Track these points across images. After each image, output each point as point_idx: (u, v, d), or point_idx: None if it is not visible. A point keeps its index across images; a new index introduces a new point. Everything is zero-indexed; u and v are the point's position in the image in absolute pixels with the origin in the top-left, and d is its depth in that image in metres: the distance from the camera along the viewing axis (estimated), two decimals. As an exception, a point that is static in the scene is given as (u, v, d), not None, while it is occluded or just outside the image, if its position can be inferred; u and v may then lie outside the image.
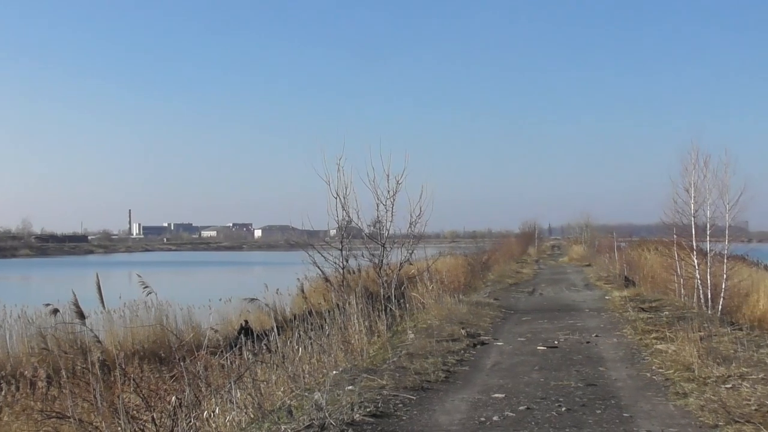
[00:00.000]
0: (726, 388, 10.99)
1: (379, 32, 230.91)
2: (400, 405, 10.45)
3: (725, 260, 26.02)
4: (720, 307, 25.20)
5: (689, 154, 26.56)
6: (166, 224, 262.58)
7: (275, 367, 12.75)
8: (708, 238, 26.45)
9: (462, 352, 15.30)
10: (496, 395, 11.31)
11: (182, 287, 46.56)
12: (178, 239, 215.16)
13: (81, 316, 18.78)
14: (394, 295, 20.76)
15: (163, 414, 10.76)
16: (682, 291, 28.01)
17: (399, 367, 12.97)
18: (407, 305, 20.93)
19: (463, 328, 17.98)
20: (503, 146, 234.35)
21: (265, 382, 12.06)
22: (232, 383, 10.87)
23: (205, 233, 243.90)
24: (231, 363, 12.83)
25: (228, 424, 10.28)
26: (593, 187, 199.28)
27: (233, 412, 10.39)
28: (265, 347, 14.28)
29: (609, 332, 18.57)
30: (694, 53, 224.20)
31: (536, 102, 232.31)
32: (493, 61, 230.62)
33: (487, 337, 17.60)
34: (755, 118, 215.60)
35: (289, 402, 10.39)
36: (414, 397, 10.94)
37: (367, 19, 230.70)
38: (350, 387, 10.99)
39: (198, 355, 12.56)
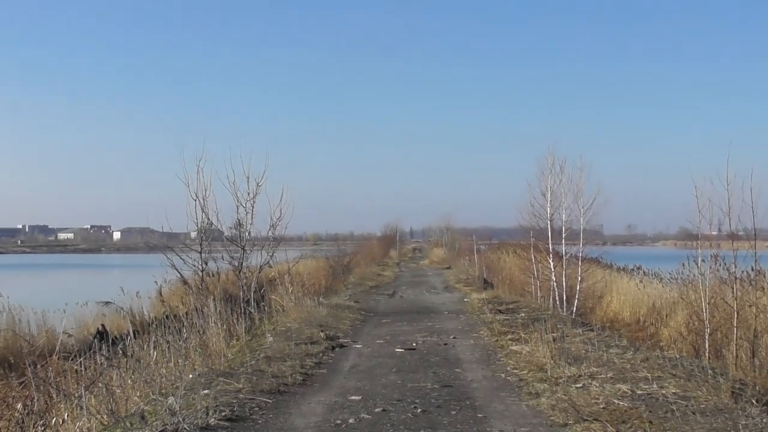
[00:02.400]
0: (576, 387, 11.28)
1: (240, 25, 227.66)
2: (256, 408, 10.39)
3: (580, 263, 26.66)
4: (575, 308, 25.83)
5: (546, 159, 27.17)
6: (20, 226, 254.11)
7: (131, 371, 12.52)
8: (563, 241, 27.06)
9: (320, 354, 15.32)
10: (353, 397, 11.35)
11: (37, 291, 45.21)
12: (32, 241, 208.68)
13: (-75, 321, 18.06)
14: (254, 298, 20.66)
15: (10, 422, 10.45)
16: (539, 293, 28.60)
17: (256, 371, 12.90)
18: (267, 308, 20.84)
19: (322, 331, 17.98)
20: (365, 148, 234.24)
21: (120, 387, 11.82)
22: (83, 389, 10.62)
23: (62, 235, 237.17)
24: (85, 368, 12.55)
25: (78, 430, 10.05)
26: (455, 190, 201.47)
27: (83, 419, 10.17)
28: (121, 351, 14.01)
29: (466, 334, 18.85)
30: (551, 57, 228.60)
31: (400, 103, 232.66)
32: (354, 59, 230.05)
33: (346, 340, 17.65)
34: (608, 124, 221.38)
35: (143, 407, 10.22)
36: (270, 401, 10.89)
37: (233, 13, 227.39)
38: (206, 391, 10.88)
39: (49, 360, 12.25)
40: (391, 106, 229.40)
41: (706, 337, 17.38)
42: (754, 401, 9.92)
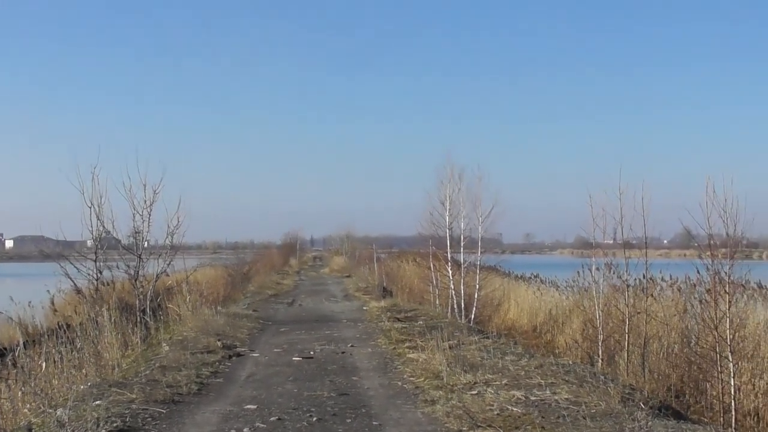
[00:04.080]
0: (472, 394, 11.37)
1: (134, 32, 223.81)
2: (149, 419, 10.23)
3: (478, 271, 26.92)
4: (473, 316, 26.06)
5: (445, 168, 27.38)
6: None
7: (21, 383, 12.25)
8: (462, 250, 27.28)
9: (217, 363, 15.17)
10: (249, 407, 11.27)
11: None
12: None
13: None
14: (150, 307, 20.39)
15: None
16: (437, 301, 28.78)
17: (151, 380, 12.72)
18: (163, 317, 20.57)
19: (219, 340, 17.81)
20: (266, 157, 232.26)
21: (8, 400, 11.55)
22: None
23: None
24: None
25: (-39, 444, 9.79)
26: (356, 199, 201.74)
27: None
28: (10, 363, 13.70)
29: (364, 342, 18.88)
30: (450, 68, 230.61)
31: (301, 112, 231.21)
32: (254, 68, 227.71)
33: (243, 349, 17.52)
34: (507, 135, 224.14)
35: (32, 420, 9.99)
36: (164, 411, 10.74)
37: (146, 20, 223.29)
38: (98, 402, 10.68)
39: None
40: (293, 114, 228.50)
41: (600, 343, 17.73)
42: (642, 405, 10.16)
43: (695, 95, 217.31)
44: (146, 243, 21.97)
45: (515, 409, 10.19)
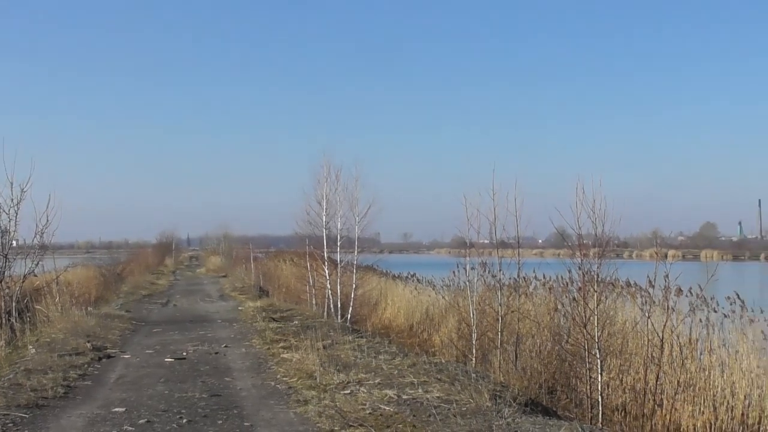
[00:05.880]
0: (344, 393, 11.36)
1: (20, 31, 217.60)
2: (11, 425, 9.91)
3: (355, 270, 26.90)
4: (349, 315, 26.02)
5: (322, 167, 27.24)
6: None
7: None
8: (339, 249, 27.23)
9: (86, 366, 14.82)
10: (117, 409, 11.03)
11: None
12: None
13: None
14: (17, 309, 19.83)
15: None
16: (314, 301, 28.71)
17: (14, 384, 12.32)
18: (31, 319, 20.02)
19: (89, 342, 17.40)
20: (140, 156, 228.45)
21: None
22: None
23: None
24: None
25: None
26: (234, 198, 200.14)
27: None
28: None
29: (239, 342, 18.72)
30: (327, 73, 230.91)
31: (174, 111, 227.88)
32: (125, 72, 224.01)
33: (114, 350, 17.17)
34: (386, 136, 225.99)
35: None
36: (27, 416, 10.41)
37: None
38: (-44, 408, 10.31)
39: None
40: (167, 114, 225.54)
41: (474, 342, 17.86)
42: (511, 402, 10.27)
43: (570, 104, 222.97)
44: (13, 242, 21.32)
45: (387, 408, 10.20)
